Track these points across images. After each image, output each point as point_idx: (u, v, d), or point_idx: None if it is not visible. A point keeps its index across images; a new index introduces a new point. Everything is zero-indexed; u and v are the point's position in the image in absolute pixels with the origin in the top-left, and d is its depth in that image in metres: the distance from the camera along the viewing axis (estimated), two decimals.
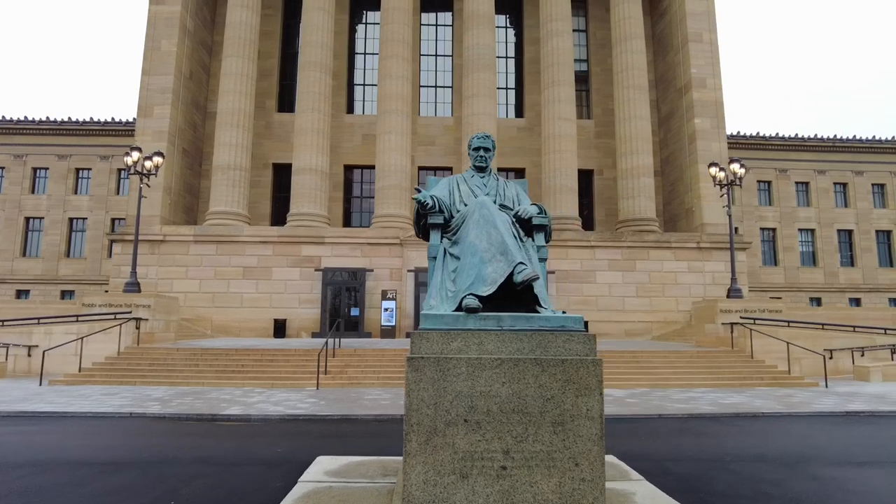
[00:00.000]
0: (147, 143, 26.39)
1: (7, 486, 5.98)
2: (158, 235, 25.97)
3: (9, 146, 39.73)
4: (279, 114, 31.49)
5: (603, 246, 26.21)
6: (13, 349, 16.26)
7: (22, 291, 39.07)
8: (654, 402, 12.39)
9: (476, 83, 27.66)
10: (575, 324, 4.17)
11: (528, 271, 4.20)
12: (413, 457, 3.83)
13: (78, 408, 10.97)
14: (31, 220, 40.09)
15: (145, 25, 27.70)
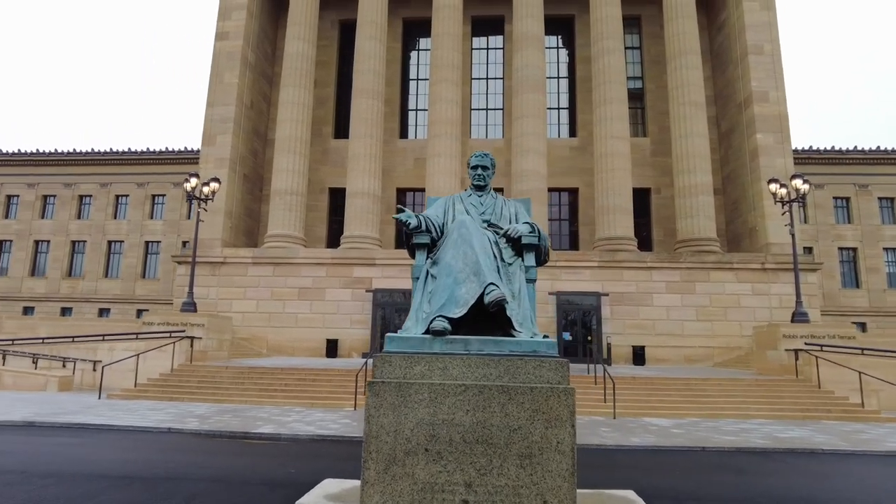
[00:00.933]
0: (210, 170, 27.83)
1: (25, 494, 6.26)
2: (219, 257, 27.16)
3: (95, 175, 42.98)
4: (335, 140, 32.46)
5: (660, 267, 25.16)
6: (80, 364, 17.33)
7: (104, 310, 41.74)
8: (700, 434, 11.59)
9: (525, 104, 27.54)
10: (548, 349, 3.92)
11: (497, 292, 4.00)
12: (371, 486, 3.68)
13: (122, 421, 11.46)
14: (113, 244, 42.96)
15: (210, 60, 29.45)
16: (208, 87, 29.18)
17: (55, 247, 42.25)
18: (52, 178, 43.12)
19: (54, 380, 16.42)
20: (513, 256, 4.92)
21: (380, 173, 28.58)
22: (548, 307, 25.26)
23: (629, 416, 13.87)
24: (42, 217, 43.07)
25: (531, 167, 26.90)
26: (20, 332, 19.10)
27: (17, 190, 43.40)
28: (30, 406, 13.32)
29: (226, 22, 29.62)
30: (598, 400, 14.69)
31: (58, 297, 41.27)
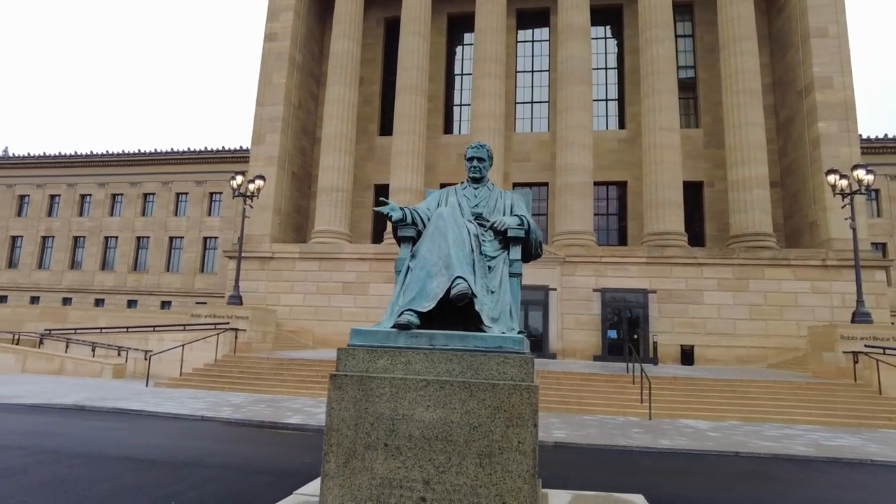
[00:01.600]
0: (260, 168, 28.77)
1: (52, 473, 6.64)
2: (268, 252, 28.03)
3: (158, 175, 45.20)
4: (380, 137, 32.80)
5: (711, 263, 24.11)
6: (133, 353, 18.31)
7: (166, 302, 43.87)
8: (736, 438, 11.02)
9: (570, 96, 26.95)
10: (514, 345, 3.79)
11: (463, 286, 3.90)
12: (331, 478, 3.67)
13: (161, 408, 12.01)
14: (174, 240, 45.06)
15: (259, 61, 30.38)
16: (258, 87, 30.11)
17: (122, 242, 44.75)
18: (120, 177, 45.64)
19: (109, 367, 17.44)
20: (498, 250, 4.79)
21: (422, 169, 28.70)
22: (592, 304, 24.72)
23: (665, 418, 13.36)
24: (111, 215, 45.67)
25: (576, 161, 26.32)
26: (83, 322, 20.37)
27: (89, 189, 46.21)
28: (83, 391, 14.17)
29: (274, 24, 30.45)
30: (635, 400, 14.23)
31: (124, 290, 43.72)
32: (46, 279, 45.21)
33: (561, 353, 24.28)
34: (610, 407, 13.95)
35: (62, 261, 45.35)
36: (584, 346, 24.29)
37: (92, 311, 22.46)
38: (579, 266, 25.07)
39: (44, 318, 20.88)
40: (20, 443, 8.44)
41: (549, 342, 24.56)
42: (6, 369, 17.99)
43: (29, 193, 47.37)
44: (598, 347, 24.12)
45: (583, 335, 24.49)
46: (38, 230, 46.32)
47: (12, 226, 47.00)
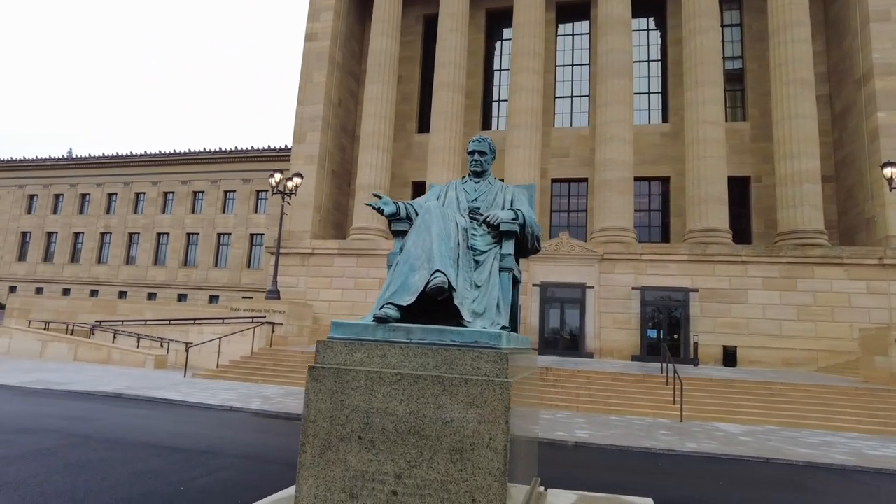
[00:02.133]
0: (300, 167, 29.40)
1: (77, 456, 6.98)
2: (308, 249, 28.63)
3: (207, 173, 46.84)
4: (418, 134, 32.95)
5: (756, 261, 23.14)
6: (174, 344, 19.06)
7: (214, 297, 45.45)
8: (770, 444, 10.54)
9: (610, 90, 26.36)
10: (490, 339, 3.72)
11: (439, 280, 3.85)
12: (306, 469, 3.70)
13: (194, 398, 12.45)
14: (222, 236, 46.62)
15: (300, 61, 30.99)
16: (298, 86, 30.74)
17: (173, 239, 46.62)
18: (171, 175, 47.53)
19: (151, 358, 18.21)
20: (490, 244, 4.75)
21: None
22: (631, 303, 24.16)
23: (698, 420, 12.92)
24: (163, 212, 47.64)
25: (615, 156, 25.73)
26: (130, 315, 21.35)
27: (143, 188, 48.33)
28: (125, 380, 14.85)
29: (314, 24, 31.00)
30: (666, 402, 13.82)
31: (175, 285, 45.54)
32: (104, 273, 47.58)
33: (598, 352, 23.84)
34: (639, 408, 13.59)
35: (118, 256, 47.63)
36: (621, 346, 23.77)
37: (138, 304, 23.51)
38: (618, 264, 24.53)
39: (96, 310, 22.01)
40: (58, 426, 8.91)
41: (585, 341, 24.16)
42: (60, 358, 19.07)
43: (90, 192, 49.91)
44: (637, 347, 23.55)
45: (621, 334, 23.97)
46: (98, 227, 48.77)
47: (75, 223, 49.65)
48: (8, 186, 52.79)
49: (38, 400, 11.57)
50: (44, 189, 51.42)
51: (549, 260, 25.11)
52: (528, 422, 4.46)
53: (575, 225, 30.44)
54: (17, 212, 52.10)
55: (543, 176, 29.31)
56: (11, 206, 52.28)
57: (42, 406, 10.84)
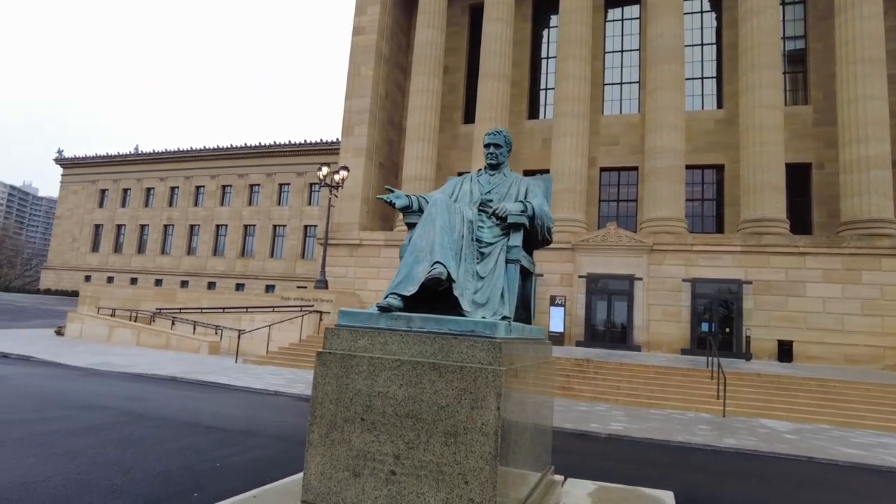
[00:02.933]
0: (349, 159, 30.06)
1: (129, 432, 7.55)
2: (356, 240, 29.29)
3: (262, 167, 48.48)
4: (464, 125, 32.99)
5: (815, 252, 22.05)
6: (227, 332, 20.00)
7: (270, 286, 47.16)
8: (816, 443, 10.15)
9: (660, 76, 25.58)
10: (485, 329, 3.82)
11: (437, 270, 3.99)
12: (314, 447, 3.93)
13: (242, 382, 13.10)
14: (277, 228, 48.23)
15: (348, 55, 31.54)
16: (346, 80, 31.32)
17: (231, 230, 48.59)
18: (229, 169, 49.46)
19: (206, 344, 19.19)
20: (498, 236, 4.83)
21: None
22: (681, 295, 23.52)
23: (742, 416, 12.54)
24: (221, 204, 49.69)
25: (666, 143, 25.01)
26: (188, 303, 22.50)
27: (202, 181, 50.53)
28: (181, 364, 15.75)
29: (361, 17, 31.47)
30: (710, 396, 13.48)
31: (233, 275, 47.52)
32: (168, 263, 50.15)
33: (646, 345, 23.37)
34: (681, 402, 13.31)
35: (180, 247, 50.07)
36: (670, 339, 23.21)
37: (196, 293, 24.74)
38: (668, 255, 23.92)
39: (157, 298, 23.34)
40: (115, 405, 9.62)
41: (633, 334, 23.72)
42: (124, 342, 20.39)
43: (154, 186, 52.61)
44: (686, 340, 22.94)
45: (670, 327, 23.40)
46: (161, 219, 51.39)
47: (141, 215, 52.50)
48: (82, 182, 56.33)
49: (101, 380, 12.48)
50: (113, 184, 54.56)
51: (597, 250, 24.75)
52: (533, 410, 4.54)
53: (625, 215, 29.82)
54: (90, 206, 55.57)
55: (592, 165, 28.81)
56: (86, 201, 55.79)
57: (104, 386, 11.69)
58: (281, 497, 4.90)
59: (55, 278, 57.07)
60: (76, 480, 5.42)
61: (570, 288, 25.20)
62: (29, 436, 7.08)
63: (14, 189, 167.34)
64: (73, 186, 57.01)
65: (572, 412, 11.91)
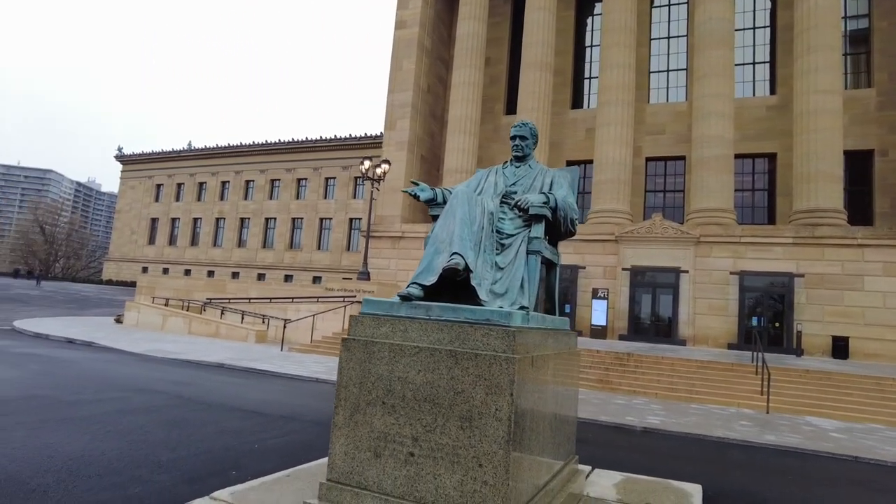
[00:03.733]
0: (391, 153, 30.43)
1: (176, 414, 8.01)
2: (398, 232, 29.70)
3: (309, 161, 49.56)
4: (506, 116, 32.85)
5: (876, 244, 21.00)
6: (273, 321, 20.69)
7: (317, 277, 48.30)
8: (865, 443, 9.77)
9: (708, 62, 24.78)
10: (500, 318, 3.91)
11: (455, 261, 4.10)
12: (339, 429, 4.12)
13: (285, 370, 13.58)
14: (324, 221, 49.29)
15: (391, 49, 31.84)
16: (389, 75, 31.65)
17: (280, 223, 49.96)
18: (277, 164, 50.80)
19: (253, 333, 19.92)
20: (519, 227, 4.90)
21: (546, 147, 28.39)
22: (728, 288, 22.86)
23: (787, 413, 12.16)
24: (270, 198, 51.11)
25: (713, 132, 24.26)
26: (237, 293, 23.38)
27: (252, 176, 52.09)
28: (228, 352, 16.43)
29: (403, 11, 31.68)
30: (754, 392, 13.11)
31: (282, 266, 48.90)
32: (219, 255, 52.02)
33: (692, 339, 22.85)
34: (723, 397, 13.00)
35: (231, 239, 51.84)
36: (717, 333, 22.61)
37: (244, 284, 25.64)
38: (715, 247, 23.26)
39: (208, 289, 24.34)
40: (165, 389, 10.18)
41: (678, 328, 23.22)
42: (177, 331, 21.40)
43: (206, 181, 54.58)
44: (734, 335, 22.30)
45: (717, 321, 22.79)
46: (213, 213, 53.31)
47: (194, 209, 54.60)
48: (140, 178, 59.01)
49: (154, 366, 13.19)
50: (168, 179, 56.91)
51: (641, 242, 24.31)
52: (552, 399, 4.61)
53: (671, 206, 29.13)
54: (147, 200, 58.18)
55: (637, 154, 28.22)
56: (143, 196, 58.43)
57: (156, 371, 12.36)
58: (311, 476, 5.14)
59: (116, 269, 60.15)
60: (128, 455, 5.83)
61: (613, 281, 24.85)
62: (89, 415, 7.61)
63: (80, 185, 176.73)
64: (131, 182, 59.82)
65: (610, 405, 11.83)
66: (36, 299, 36.17)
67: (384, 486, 3.90)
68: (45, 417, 7.27)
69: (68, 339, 16.93)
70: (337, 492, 4.02)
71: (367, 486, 3.95)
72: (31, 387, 9.39)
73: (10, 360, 12.25)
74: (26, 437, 6.27)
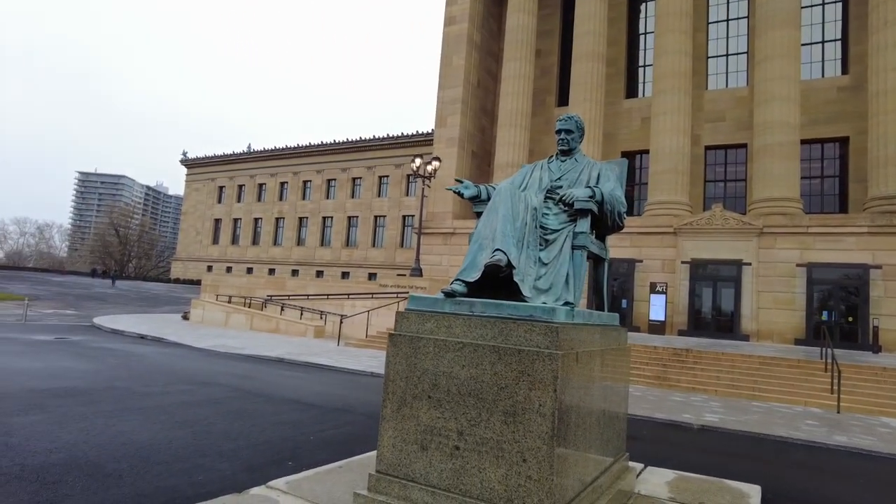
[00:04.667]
0: (441, 150, 30.59)
1: (238, 405, 8.40)
2: (449, 229, 29.87)
3: (363, 160, 50.46)
4: (557, 108, 32.38)
5: None
6: (330, 317, 21.26)
7: (372, 274, 49.17)
8: None
9: (770, 43, 23.62)
10: (544, 314, 3.90)
11: (497, 258, 4.12)
12: (387, 421, 4.24)
13: (341, 364, 13.96)
14: (378, 218, 50.09)
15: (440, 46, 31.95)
16: (439, 71, 31.78)
17: (336, 222, 51.15)
18: (333, 164, 51.98)
19: (311, 328, 20.56)
20: (564, 223, 4.88)
21: (600, 138, 27.84)
22: (795, 281, 21.81)
23: (859, 413, 11.51)
24: (327, 197, 52.39)
25: (777, 117, 23.14)
26: (296, 290, 24.16)
27: (309, 176, 53.52)
28: (287, 347, 17.03)
29: (452, 7, 31.73)
30: (823, 390, 12.47)
31: (339, 264, 50.07)
32: (280, 254, 53.77)
33: (755, 334, 21.94)
34: (788, 395, 12.43)
35: (291, 238, 53.47)
36: (783, 329, 21.61)
37: (303, 281, 26.46)
38: (780, 238, 22.23)
39: (268, 286, 25.28)
40: (228, 382, 10.68)
41: (740, 323, 22.34)
42: (239, 326, 22.34)
43: (265, 182, 56.47)
44: (801, 330, 21.25)
45: (782, 316, 21.77)
46: (273, 213, 55.12)
47: (255, 209, 56.62)
48: (203, 180, 61.69)
49: (217, 360, 13.85)
50: (229, 181, 59.23)
51: (701, 234, 23.52)
52: (600, 395, 4.57)
53: (732, 196, 28.01)
54: (210, 202, 60.75)
55: (695, 143, 27.26)
56: (206, 197, 61.06)
57: (219, 365, 12.97)
58: (362, 468, 5.31)
59: (182, 268, 63.21)
60: (192, 444, 6.18)
61: (672, 274, 24.14)
62: (158, 405, 8.10)
63: (149, 189, 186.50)
64: (195, 184, 62.67)
65: (666, 402, 11.55)
66: (112, 297, 38.55)
67: (431, 478, 3.99)
68: (120, 407, 7.79)
69: (140, 335, 17.99)
70: (385, 483, 4.14)
71: (414, 479, 4.04)
72: (109, 378, 10.07)
73: (91, 354, 13.16)
74: (104, 425, 6.75)
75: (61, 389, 8.74)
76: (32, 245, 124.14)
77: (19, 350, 13.12)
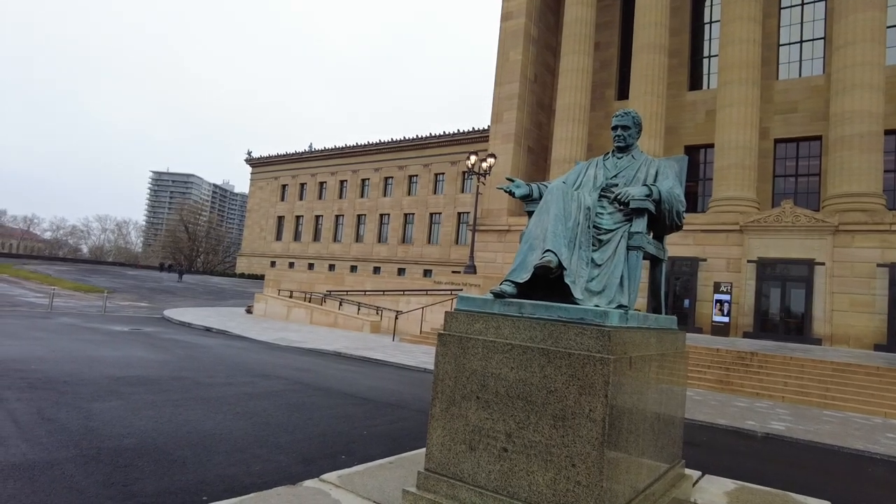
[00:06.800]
0: (497, 146, 30.45)
1: (296, 399, 8.68)
2: (504, 226, 29.73)
3: (419, 158, 50.91)
4: (617, 102, 31.58)
5: None
6: (386, 312, 21.61)
7: (427, 270, 49.58)
8: None
9: (851, 27, 22.17)
10: (595, 317, 3.81)
11: (547, 259, 4.05)
12: (436, 420, 4.26)
13: (396, 359, 14.17)
14: (433, 215, 50.44)
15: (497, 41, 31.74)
16: (496, 67, 31.61)
17: (393, 219, 51.86)
18: (390, 162, 52.70)
19: (367, 323, 20.95)
20: (619, 222, 4.76)
21: (662, 132, 26.96)
22: (874, 282, 20.44)
23: None
24: (384, 195, 53.19)
25: (857, 106, 21.71)
26: (354, 286, 24.70)
27: (367, 174, 54.48)
28: (345, 341, 17.43)
29: (509, 2, 31.47)
30: None
31: (395, 260, 50.76)
32: (339, 250, 55.05)
33: (828, 338, 20.72)
34: (866, 405, 11.65)
35: (349, 235, 54.64)
36: (860, 333, 20.29)
37: (361, 277, 27.00)
38: (858, 236, 20.88)
39: (327, 281, 25.95)
40: (287, 375, 11.04)
41: (812, 325, 21.15)
42: (300, 321, 23.04)
43: (326, 180, 57.92)
44: (882, 335, 19.89)
45: (861, 319, 20.45)
46: (333, 210, 56.48)
47: (315, 207, 58.18)
48: (266, 179, 63.90)
49: (278, 353, 14.34)
50: (292, 179, 61.08)
51: (769, 232, 22.41)
52: (654, 401, 4.44)
53: (804, 191, 26.51)
54: (273, 199, 62.88)
55: (764, 137, 25.97)
56: (270, 195, 63.23)
57: (280, 358, 13.43)
58: (412, 464, 5.36)
59: (247, 264, 65.75)
60: (252, 435, 6.43)
61: (737, 274, 23.12)
62: (221, 396, 8.47)
63: (216, 187, 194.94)
64: (259, 183, 65.00)
65: (729, 408, 11.08)
66: (181, 290, 40.61)
67: (479, 479, 3.98)
68: (187, 397, 8.20)
69: (206, 328, 18.86)
70: (434, 481, 4.17)
71: (462, 479, 4.05)
72: (177, 369, 10.61)
73: (161, 346, 13.91)
74: (172, 413, 7.12)
75: (134, 378, 9.28)
76: (112, 240, 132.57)
77: (100, 339, 14.03)
